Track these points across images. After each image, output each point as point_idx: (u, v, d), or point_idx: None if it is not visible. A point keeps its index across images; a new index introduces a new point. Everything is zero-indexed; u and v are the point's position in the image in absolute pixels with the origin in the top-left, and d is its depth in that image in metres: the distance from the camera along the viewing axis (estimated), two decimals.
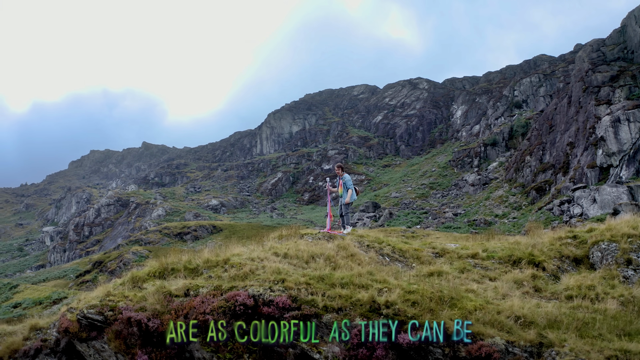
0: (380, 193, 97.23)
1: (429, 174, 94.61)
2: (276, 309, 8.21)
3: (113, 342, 8.97)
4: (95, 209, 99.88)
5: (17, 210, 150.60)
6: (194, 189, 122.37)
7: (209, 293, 8.97)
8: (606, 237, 11.95)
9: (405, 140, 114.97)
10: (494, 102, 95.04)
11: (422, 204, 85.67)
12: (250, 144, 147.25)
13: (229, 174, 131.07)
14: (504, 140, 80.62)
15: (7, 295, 42.65)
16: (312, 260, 10.04)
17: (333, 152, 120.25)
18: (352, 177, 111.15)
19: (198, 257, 10.37)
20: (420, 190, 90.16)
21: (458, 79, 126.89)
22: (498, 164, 78.59)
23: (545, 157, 63.73)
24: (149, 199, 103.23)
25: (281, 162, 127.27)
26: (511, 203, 66.65)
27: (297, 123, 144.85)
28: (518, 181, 68.22)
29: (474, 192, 79.13)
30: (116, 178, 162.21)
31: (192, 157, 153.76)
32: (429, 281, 9.49)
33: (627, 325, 8.42)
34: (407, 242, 12.59)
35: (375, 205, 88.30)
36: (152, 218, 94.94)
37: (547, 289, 10.31)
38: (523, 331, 7.78)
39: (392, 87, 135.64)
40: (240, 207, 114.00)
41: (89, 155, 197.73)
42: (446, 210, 78.89)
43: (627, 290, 10.27)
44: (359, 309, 8.11)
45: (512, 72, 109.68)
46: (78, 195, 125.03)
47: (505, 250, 11.92)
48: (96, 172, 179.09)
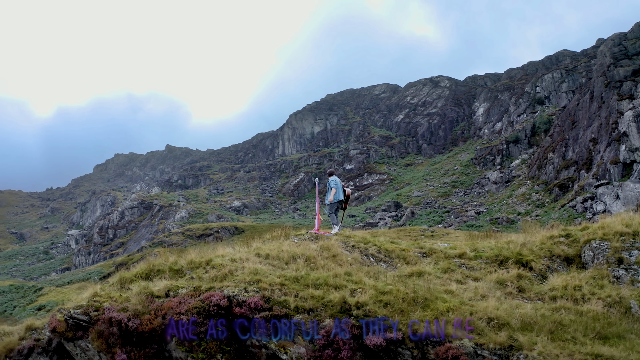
0: (402, 192, 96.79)
1: (451, 173, 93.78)
2: (248, 309, 8.33)
3: (96, 342, 9.23)
4: (119, 211, 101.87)
5: (43, 214, 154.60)
6: (216, 190, 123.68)
7: (187, 294, 9.15)
8: (598, 236, 11.68)
9: (427, 139, 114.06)
10: (516, 98, 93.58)
11: (444, 202, 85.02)
12: (272, 145, 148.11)
13: (251, 175, 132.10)
14: (527, 137, 79.30)
15: (32, 297, 43.97)
16: (292, 261, 10.12)
17: (355, 152, 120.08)
18: (374, 177, 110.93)
19: (183, 259, 10.56)
20: (442, 189, 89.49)
21: (480, 76, 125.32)
22: (521, 162, 77.35)
23: (568, 153, 62.45)
24: (172, 201, 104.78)
25: (303, 163, 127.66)
26: (534, 201, 65.56)
27: (319, 123, 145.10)
28: (541, 178, 67.04)
29: (497, 190, 78.12)
30: (140, 181, 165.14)
31: (215, 159, 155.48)
32: (407, 282, 9.46)
33: (607, 327, 8.21)
34: (394, 242, 12.54)
35: (397, 204, 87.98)
36: (175, 220, 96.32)
37: (532, 290, 10.14)
38: (495, 333, 7.59)
39: (413, 86, 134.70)
40: (262, 208, 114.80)
41: (113, 159, 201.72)
42: (468, 208, 78.12)
43: (616, 291, 10.02)
44: (330, 309, 8.15)
45: (534, 68, 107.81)
46: (103, 199, 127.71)
47: (494, 249, 11.78)
48: (121, 175, 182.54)
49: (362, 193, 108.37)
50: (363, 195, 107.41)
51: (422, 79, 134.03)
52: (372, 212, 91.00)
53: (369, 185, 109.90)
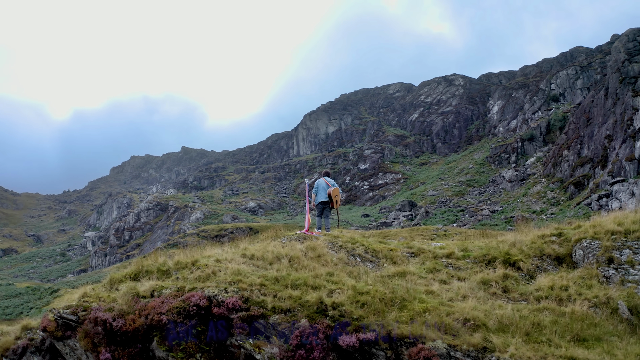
0: (416, 192, 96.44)
1: (466, 171, 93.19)
2: (226, 309, 8.44)
3: (83, 341, 9.44)
4: (135, 213, 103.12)
5: (60, 216, 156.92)
6: (231, 191, 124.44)
7: (170, 294, 9.31)
8: (589, 235, 11.53)
9: (441, 138, 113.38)
10: (531, 96, 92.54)
11: (459, 201, 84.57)
12: (287, 146, 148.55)
13: (266, 176, 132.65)
14: (542, 134, 78.40)
15: (48, 299, 44.81)
16: (276, 262, 10.21)
17: (369, 152, 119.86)
18: (389, 176, 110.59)
19: (170, 260, 10.72)
20: (457, 188, 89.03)
21: (494, 74, 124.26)
22: (536, 159, 76.48)
23: (583, 150, 61.57)
24: (187, 203, 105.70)
25: (317, 163, 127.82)
26: (549, 199, 64.82)
27: (333, 123, 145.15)
28: (556, 176, 66.22)
29: (512, 189, 77.44)
30: (156, 183, 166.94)
31: (230, 160, 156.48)
32: (388, 282, 9.47)
33: (586, 329, 8.06)
34: (383, 242, 12.55)
35: (411, 204, 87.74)
36: (191, 221, 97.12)
37: (517, 290, 10.05)
38: (469, 334, 7.50)
39: (427, 85, 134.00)
40: (277, 208, 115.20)
41: (129, 161, 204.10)
42: (483, 207, 77.55)
43: (603, 291, 9.87)
44: (306, 310, 8.22)
45: (548, 65, 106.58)
46: (119, 201, 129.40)
47: (483, 249, 11.73)
48: (137, 177, 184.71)
49: (376, 192, 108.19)
50: (378, 194, 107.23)
51: (436, 77, 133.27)
52: (387, 211, 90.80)
53: (384, 185, 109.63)
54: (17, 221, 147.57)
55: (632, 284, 10.43)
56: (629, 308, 9.63)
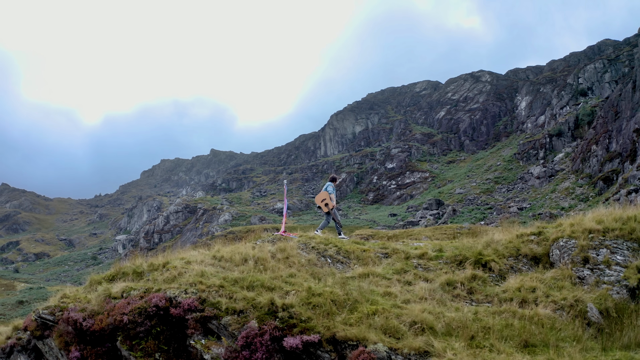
0: (444, 190, 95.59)
1: (494, 168, 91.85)
2: (182, 310, 8.71)
3: (57, 340, 9.89)
4: (164, 216, 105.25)
5: (91, 220, 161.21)
6: (259, 193, 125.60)
7: (137, 295, 9.64)
8: (566, 233, 11.31)
9: (469, 135, 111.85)
10: (559, 91, 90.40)
11: (487, 199, 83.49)
12: (314, 146, 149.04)
13: (293, 177, 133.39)
14: (570, 129, 76.52)
15: None
16: (243, 263, 10.43)
17: (396, 151, 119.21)
18: (416, 175, 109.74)
19: (145, 262, 11.08)
20: (484, 186, 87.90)
21: (521, 70, 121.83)
22: (564, 155, 74.68)
23: (612, 145, 59.78)
24: (215, 205, 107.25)
25: (345, 163, 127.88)
26: (578, 195, 63.30)
27: (360, 123, 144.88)
28: (585, 172, 64.55)
29: (540, 185, 75.92)
30: (186, 185, 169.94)
31: (259, 161, 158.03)
32: (350, 283, 9.56)
33: (538, 334, 7.81)
34: (358, 242, 12.60)
35: (438, 202, 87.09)
36: (219, 223, 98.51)
37: (483, 291, 9.94)
38: (415, 338, 7.46)
39: (454, 82, 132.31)
40: (305, 209, 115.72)
41: (159, 165, 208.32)
42: (511, 204, 76.29)
43: (572, 293, 9.63)
44: (257, 311, 8.38)
45: (576, 59, 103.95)
46: (149, 204, 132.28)
47: (458, 249, 11.66)
48: (167, 180, 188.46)
49: (404, 191, 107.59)
50: (405, 193, 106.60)
51: (463, 74, 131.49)
52: (414, 210, 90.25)
53: (411, 184, 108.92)
54: (49, 226, 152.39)
55: (607, 285, 10.11)
56: (600, 311, 9.38)
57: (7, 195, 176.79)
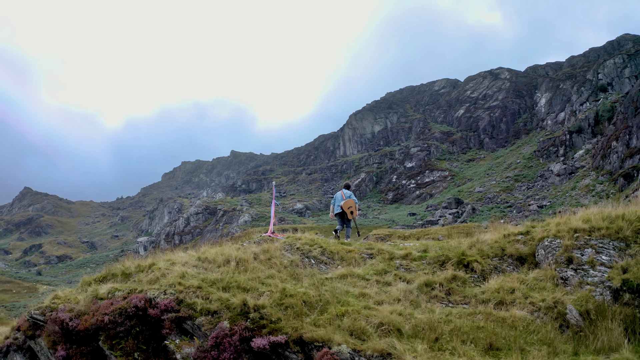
0: (463, 188, 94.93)
1: (514, 166, 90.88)
2: (159, 310, 8.95)
3: (46, 339, 10.25)
4: (185, 218, 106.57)
5: (113, 222, 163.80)
6: (279, 193, 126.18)
7: (121, 296, 9.92)
8: (552, 233, 11.18)
9: (488, 133, 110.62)
10: (578, 87, 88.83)
11: (507, 197, 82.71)
12: (333, 147, 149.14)
13: (313, 177, 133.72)
14: (590, 126, 75.12)
15: None
16: (225, 264, 10.63)
17: (415, 150, 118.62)
18: (435, 174, 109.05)
19: (133, 263, 11.38)
20: (504, 184, 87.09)
21: (540, 66, 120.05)
22: (584, 152, 73.35)
23: (632, 141, 58.51)
24: (235, 206, 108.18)
25: (364, 163, 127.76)
26: (598, 192, 62.16)
27: (379, 122, 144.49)
28: (605, 168, 63.32)
29: (560, 183, 74.80)
30: (207, 187, 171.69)
31: (278, 162, 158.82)
32: (327, 284, 9.67)
33: (512, 337, 7.69)
34: (344, 243, 12.68)
35: (457, 201, 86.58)
36: (239, 224, 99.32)
37: (462, 292, 9.89)
38: (379, 340, 7.47)
39: (473, 80, 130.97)
40: (324, 209, 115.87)
41: (180, 167, 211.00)
42: (531, 202, 75.41)
43: (552, 295, 9.44)
44: (230, 312, 8.56)
45: (595, 54, 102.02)
46: (170, 206, 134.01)
47: (443, 249, 11.67)
48: (188, 182, 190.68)
49: (423, 191, 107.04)
50: (425, 192, 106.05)
51: (482, 72, 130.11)
52: (433, 209, 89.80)
53: (431, 183, 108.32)
54: (71, 228, 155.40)
55: (591, 286, 9.83)
56: (581, 313, 9.21)
57: (30, 198, 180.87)
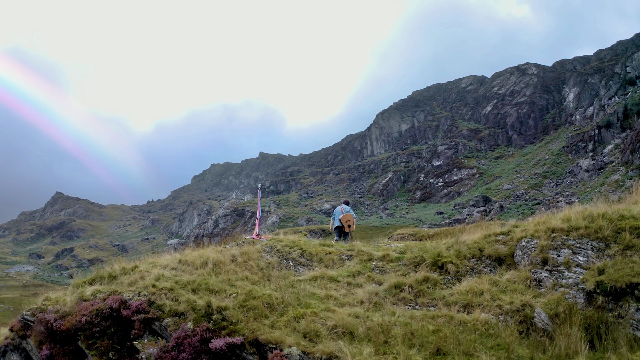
0: (491, 186, 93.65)
1: (542, 163, 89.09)
2: (131, 312, 9.34)
3: (33, 339, 10.79)
4: (213, 220, 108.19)
5: (144, 225, 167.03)
6: (307, 194, 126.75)
7: (101, 297, 10.37)
8: (529, 233, 11.09)
9: (516, 129, 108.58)
10: (606, 81, 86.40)
11: (535, 194, 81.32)
12: (360, 146, 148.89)
13: (340, 177, 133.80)
14: (619, 120, 72.98)
15: None
16: (202, 267, 10.96)
17: (443, 148, 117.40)
18: (463, 172, 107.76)
19: (118, 266, 11.83)
20: (533, 180, 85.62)
21: (568, 60, 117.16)
22: (613, 147, 71.30)
23: None
24: (263, 208, 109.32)
25: (391, 162, 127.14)
26: (627, 187, 60.28)
27: (406, 121, 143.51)
28: (634, 163, 61.51)
29: (589, 179, 72.98)
30: (236, 189, 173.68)
31: (306, 163, 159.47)
32: (296, 286, 9.88)
33: (451, 341, 7.61)
34: (325, 244, 12.80)
35: (485, 199, 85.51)
36: (267, 225, 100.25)
37: (431, 295, 9.87)
38: (330, 342, 7.59)
39: (500, 76, 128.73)
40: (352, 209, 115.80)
41: (209, 169, 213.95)
42: (559, 199, 73.91)
43: (521, 297, 9.28)
44: (195, 313, 8.87)
45: (623, 47, 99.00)
46: (199, 208, 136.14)
47: (421, 250, 11.71)
48: (217, 184, 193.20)
49: (451, 189, 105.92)
50: (452, 191, 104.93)
51: (509, 67, 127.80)
52: (461, 207, 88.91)
53: (458, 181, 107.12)
54: (102, 232, 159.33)
55: (565, 288, 9.54)
56: (551, 317, 9.04)
57: (62, 203, 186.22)
